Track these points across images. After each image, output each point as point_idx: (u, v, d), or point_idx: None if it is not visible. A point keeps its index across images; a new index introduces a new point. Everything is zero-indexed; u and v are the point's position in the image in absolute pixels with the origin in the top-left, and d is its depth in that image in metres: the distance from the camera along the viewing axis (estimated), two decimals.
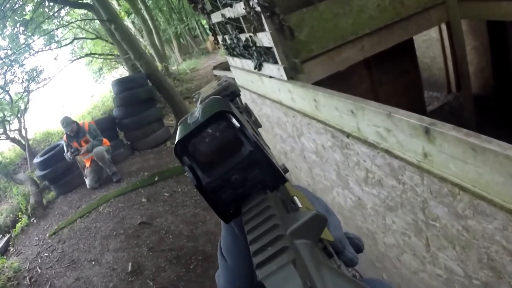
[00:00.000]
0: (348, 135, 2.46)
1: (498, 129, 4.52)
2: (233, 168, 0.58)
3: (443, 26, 5.56)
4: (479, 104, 5.10)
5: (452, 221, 1.78)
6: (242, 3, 3.29)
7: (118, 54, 16.71)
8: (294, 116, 3.36)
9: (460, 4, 4.20)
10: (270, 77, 3.62)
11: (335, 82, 4.06)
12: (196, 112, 0.59)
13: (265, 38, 3.30)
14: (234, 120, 0.57)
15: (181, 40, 28.55)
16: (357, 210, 2.93)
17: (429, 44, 6.09)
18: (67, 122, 8.20)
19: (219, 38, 4.80)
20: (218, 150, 0.58)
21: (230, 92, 0.86)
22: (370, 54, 3.95)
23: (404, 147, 1.93)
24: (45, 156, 9.53)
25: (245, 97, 5.05)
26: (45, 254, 6.96)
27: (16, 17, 13.35)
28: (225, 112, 0.57)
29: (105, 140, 8.71)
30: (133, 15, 21.23)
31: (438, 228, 1.92)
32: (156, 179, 7.80)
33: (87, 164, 8.59)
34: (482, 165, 1.50)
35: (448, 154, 1.63)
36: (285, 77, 3.26)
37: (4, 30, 13.08)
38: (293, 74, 3.25)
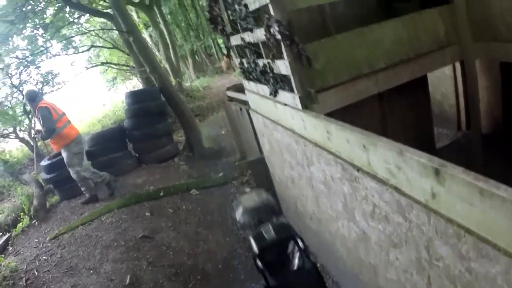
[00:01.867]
0: (358, 169, 2.49)
1: (505, 168, 4.53)
2: (293, 276, 0.76)
3: (457, 64, 5.62)
4: (487, 142, 5.12)
5: (455, 262, 1.80)
6: (262, 29, 3.36)
7: (134, 65, 16.92)
8: (305, 145, 3.40)
9: (475, 44, 4.26)
10: (285, 104, 3.68)
11: (346, 111, 4.10)
12: (269, 230, 0.78)
13: (282, 66, 3.37)
14: (300, 243, 0.77)
15: (196, 57, 28.81)
16: (360, 243, 2.94)
17: (442, 81, 6.15)
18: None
19: (237, 60, 4.88)
20: (284, 261, 0.77)
21: (272, 209, 1.08)
22: (384, 88, 4.02)
23: (413, 186, 1.96)
24: (53, 160, 9.56)
25: (258, 121, 5.11)
26: (44, 258, 6.91)
27: (36, 19, 13.55)
28: (295, 236, 0.77)
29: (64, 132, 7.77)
30: (151, 28, 21.49)
31: (441, 268, 1.94)
32: (161, 194, 7.81)
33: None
34: (489, 209, 1.54)
35: (456, 195, 1.67)
36: (300, 106, 3.32)
37: (24, 31, 13.30)
38: (307, 103, 3.31)
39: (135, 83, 24.30)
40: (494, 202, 1.50)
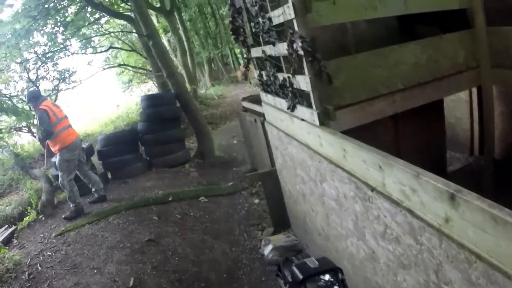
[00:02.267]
0: (373, 189, 2.51)
1: None
2: None
3: (473, 89, 5.63)
4: (499, 169, 5.11)
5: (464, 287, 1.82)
6: (285, 44, 3.41)
7: (150, 69, 17.08)
8: (320, 161, 3.43)
9: (493, 70, 4.28)
10: (302, 119, 3.71)
11: (360, 129, 4.12)
12: (313, 261, 0.88)
13: (303, 81, 3.41)
14: (340, 275, 0.87)
15: (213, 65, 29.02)
16: (369, 263, 2.95)
17: (457, 104, 6.15)
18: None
19: (256, 72, 4.93)
20: None
21: (298, 250, 1.23)
22: (400, 109, 4.04)
23: (426, 209, 1.98)
24: None
25: (272, 134, 5.15)
26: (48, 253, 6.89)
27: (58, 17, 13.75)
28: (337, 268, 0.87)
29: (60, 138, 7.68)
30: (169, 33, 21.69)
31: None
32: (170, 199, 7.83)
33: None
34: (502, 237, 1.55)
35: (469, 221, 1.69)
36: (317, 123, 3.35)
37: (45, 28, 13.48)
38: (324, 120, 3.34)
39: (150, 87, 24.51)
40: (507, 230, 1.52)
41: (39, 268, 6.46)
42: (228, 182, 8.54)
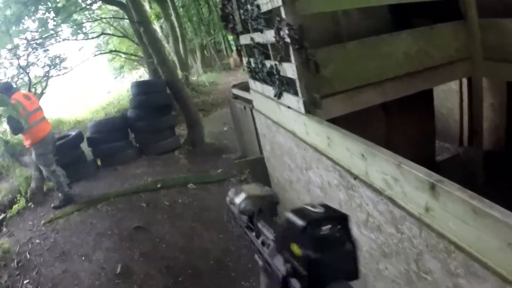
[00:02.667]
0: (356, 177, 2.51)
1: (504, 186, 4.52)
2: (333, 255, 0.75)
3: (464, 80, 5.62)
4: (488, 160, 5.12)
5: (443, 277, 1.81)
6: (273, 31, 3.37)
7: (142, 56, 16.94)
8: (305, 149, 3.41)
9: (484, 62, 4.27)
10: (288, 107, 3.69)
11: (351, 120, 4.10)
12: (318, 207, 0.77)
13: (289, 69, 3.38)
14: (350, 224, 0.77)
15: (205, 52, 28.81)
16: None
17: (448, 95, 6.15)
18: None
19: (245, 59, 4.89)
20: (329, 241, 0.75)
21: (274, 202, 1.10)
22: (390, 98, 4.02)
23: (408, 198, 1.98)
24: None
25: (260, 121, 5.12)
26: (37, 241, 6.87)
27: (49, 3, 13.55)
28: (347, 217, 0.76)
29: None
30: (162, 20, 21.50)
31: (429, 281, 1.95)
32: (159, 186, 7.80)
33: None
34: (482, 228, 1.55)
35: (449, 212, 1.68)
36: (303, 110, 3.33)
37: (36, 14, 13.30)
38: (311, 108, 3.32)
39: (142, 73, 24.31)
40: (487, 221, 1.51)
41: (28, 256, 6.44)
42: (218, 169, 8.51)
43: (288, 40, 3.12)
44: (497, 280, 1.50)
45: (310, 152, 3.31)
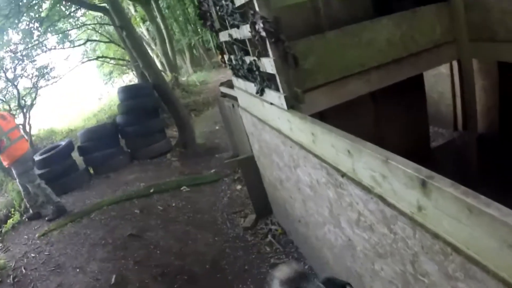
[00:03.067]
0: (343, 175, 2.36)
1: (500, 170, 4.42)
2: None
3: (454, 63, 5.47)
4: (484, 144, 5.00)
5: (441, 280, 1.67)
6: (248, 26, 3.22)
7: (129, 60, 16.78)
8: (292, 147, 3.27)
9: (471, 44, 4.12)
10: (271, 103, 3.54)
11: (339, 113, 3.97)
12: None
13: (268, 64, 3.23)
14: None
15: (194, 51, 28.59)
16: (347, 251, 2.82)
17: (439, 79, 6.01)
18: None
19: (226, 57, 4.74)
20: None
21: (306, 277, 1.21)
22: (376, 87, 3.88)
23: (398, 196, 1.83)
24: (44, 155, 9.51)
25: (247, 120, 4.98)
26: (32, 255, 6.85)
27: (32, 13, 13.40)
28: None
29: None
30: (148, 22, 21.31)
31: (427, 284, 1.81)
32: (151, 191, 7.69)
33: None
34: (477, 228, 1.40)
35: (443, 210, 1.53)
36: (285, 106, 3.17)
37: (19, 25, 13.14)
38: (293, 103, 3.16)
39: (132, 78, 24.19)
40: (483, 220, 1.36)
41: (24, 270, 6.42)
42: (210, 170, 8.38)
43: (263, 34, 2.96)
44: (498, 284, 1.36)
45: (296, 150, 3.16)
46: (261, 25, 2.90)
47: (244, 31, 3.42)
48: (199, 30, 26.63)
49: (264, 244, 5.23)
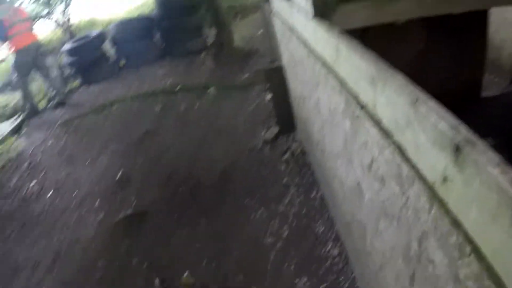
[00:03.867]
0: (362, 107, 1.85)
1: None
2: None
3: None
4: None
5: (447, 278, 1.22)
6: None
7: None
8: (315, 62, 2.72)
9: None
10: (298, 9, 2.95)
11: (383, 35, 3.34)
12: None
13: None
14: None
15: None
16: (355, 195, 2.38)
17: (502, 25, 5.14)
18: None
19: None
20: None
21: None
22: (432, 13, 3.16)
23: (421, 155, 1.32)
24: (74, 44, 9.54)
25: (277, 26, 4.42)
26: (50, 142, 7.13)
27: None
28: None
29: None
30: None
31: (430, 272, 1.37)
32: (177, 89, 7.36)
33: None
34: None
35: (475, 196, 1.02)
36: (310, 13, 2.58)
37: None
38: (323, 11, 2.56)
39: None
40: None
41: (39, 158, 6.73)
42: (244, 75, 7.92)
43: None
44: None
45: (318, 66, 2.61)
46: None
47: None
48: None
49: (281, 161, 4.87)
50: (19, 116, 8.88)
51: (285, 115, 5.20)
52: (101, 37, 9.65)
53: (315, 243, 3.58)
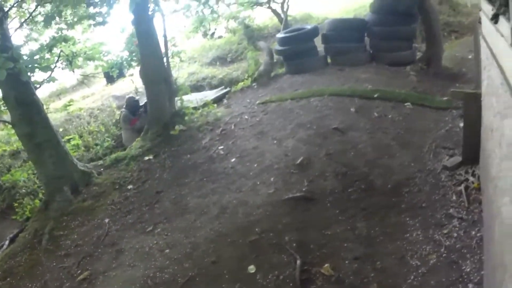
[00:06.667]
0: None
1: None
2: None
3: None
4: None
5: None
6: None
7: None
8: (506, 92, 2.69)
9: None
10: (502, 35, 2.92)
11: None
12: None
13: None
14: None
15: None
16: (509, 238, 2.28)
17: None
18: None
19: None
20: None
21: None
22: None
23: None
24: (287, 34, 10.09)
25: (483, 50, 4.28)
26: (245, 117, 7.78)
27: None
28: None
29: None
30: None
31: None
32: (376, 95, 7.53)
33: None
34: None
35: None
36: (510, 39, 2.56)
37: None
38: None
39: None
40: None
41: (232, 127, 7.50)
42: (444, 96, 7.73)
43: None
44: None
45: (508, 97, 2.58)
46: None
47: None
48: None
49: (454, 191, 4.76)
50: (223, 88, 10.00)
51: (472, 146, 4.98)
52: (315, 31, 10.05)
53: (456, 281, 3.51)
